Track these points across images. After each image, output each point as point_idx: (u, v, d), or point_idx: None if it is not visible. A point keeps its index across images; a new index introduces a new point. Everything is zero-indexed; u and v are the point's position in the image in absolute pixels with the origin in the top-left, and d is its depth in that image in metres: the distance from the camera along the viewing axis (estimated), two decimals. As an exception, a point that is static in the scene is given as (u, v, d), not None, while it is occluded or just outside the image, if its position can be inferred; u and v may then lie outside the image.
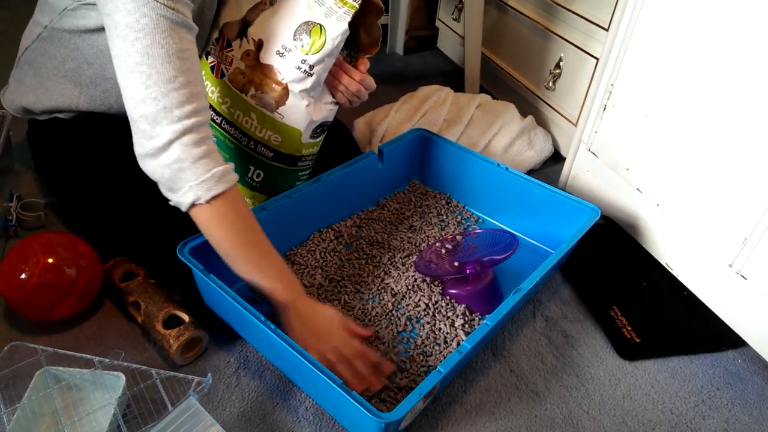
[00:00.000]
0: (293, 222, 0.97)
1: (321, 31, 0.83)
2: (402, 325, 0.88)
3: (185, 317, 0.81)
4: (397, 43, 1.88)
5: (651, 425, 0.80)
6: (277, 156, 0.93)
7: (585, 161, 1.15)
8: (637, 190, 1.03)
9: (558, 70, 1.34)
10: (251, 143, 0.92)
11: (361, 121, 1.35)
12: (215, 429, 0.68)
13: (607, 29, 1.17)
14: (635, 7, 0.96)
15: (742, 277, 0.85)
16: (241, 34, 0.88)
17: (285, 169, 0.96)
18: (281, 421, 0.75)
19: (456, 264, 0.94)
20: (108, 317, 0.87)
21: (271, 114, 0.89)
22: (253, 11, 0.89)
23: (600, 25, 1.19)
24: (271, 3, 0.87)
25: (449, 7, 1.80)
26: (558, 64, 1.34)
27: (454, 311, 0.89)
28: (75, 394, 0.74)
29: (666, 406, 0.82)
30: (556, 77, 1.35)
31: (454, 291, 0.91)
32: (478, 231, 1.03)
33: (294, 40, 0.85)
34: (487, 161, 1.09)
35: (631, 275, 1.03)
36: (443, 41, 1.93)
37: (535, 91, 1.44)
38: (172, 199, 0.73)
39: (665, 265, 1.00)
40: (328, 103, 0.93)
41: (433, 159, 1.17)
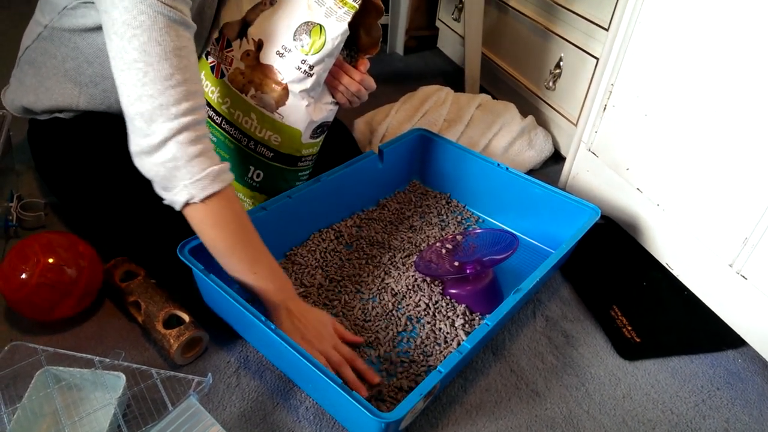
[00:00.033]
0: (293, 222, 0.97)
1: (321, 31, 0.83)
2: (402, 324, 0.88)
3: (185, 317, 0.82)
4: (398, 43, 1.88)
5: (651, 425, 0.80)
6: (277, 156, 0.93)
7: (585, 161, 1.15)
8: (638, 189, 1.03)
9: (558, 70, 1.34)
10: (251, 143, 0.92)
11: (361, 121, 1.35)
12: (215, 429, 0.68)
13: (607, 29, 1.17)
14: (635, 7, 0.96)
15: (743, 277, 0.85)
16: (241, 35, 0.88)
17: (285, 170, 0.96)
18: (281, 420, 0.75)
19: (456, 264, 0.94)
20: (108, 317, 0.87)
21: (271, 114, 0.89)
22: (253, 11, 0.89)
23: (600, 25, 1.19)
24: (271, 3, 0.87)
25: (449, 7, 1.80)
26: (558, 64, 1.34)
27: (454, 311, 0.89)
28: (75, 394, 0.74)
29: (666, 406, 0.82)
30: (556, 77, 1.35)
31: (454, 291, 0.91)
32: (479, 231, 1.03)
33: (294, 41, 0.85)
34: (487, 161, 1.09)
35: (631, 275, 1.03)
36: (443, 41, 1.93)
37: (536, 91, 1.44)
38: (166, 197, 0.72)
39: (665, 264, 1.00)
40: (328, 103, 0.93)
41: (433, 159, 1.17)
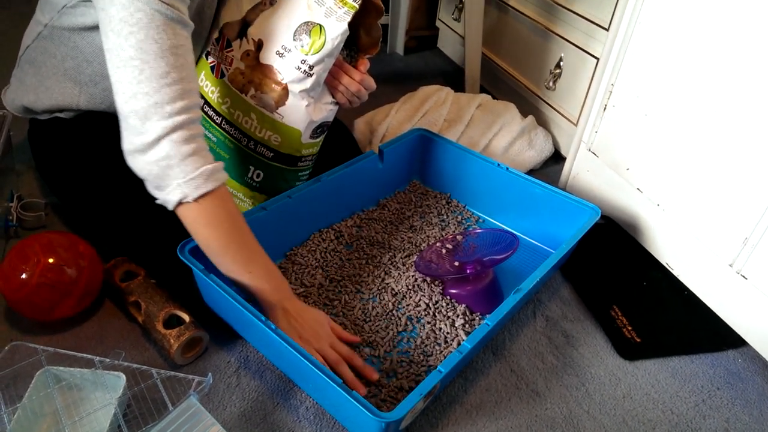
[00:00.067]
0: (293, 222, 0.97)
1: (321, 31, 0.83)
2: (402, 324, 0.88)
3: (186, 317, 0.82)
4: (398, 43, 1.88)
5: (651, 425, 0.80)
6: (277, 156, 0.93)
7: (585, 161, 1.15)
8: (638, 189, 1.03)
9: (558, 70, 1.34)
10: (251, 143, 0.92)
11: (361, 121, 1.35)
12: (216, 429, 0.68)
13: (607, 29, 1.17)
14: (635, 7, 0.96)
15: (743, 276, 0.85)
16: (241, 34, 0.88)
17: (285, 170, 0.96)
18: (282, 420, 0.75)
19: (456, 264, 0.94)
20: (108, 317, 0.87)
21: (271, 114, 0.89)
22: (253, 11, 0.89)
23: (600, 25, 1.19)
24: (271, 3, 0.87)
25: (449, 7, 1.80)
26: (558, 64, 1.34)
27: (454, 311, 0.89)
28: (75, 394, 0.74)
29: (666, 406, 0.82)
30: (556, 77, 1.35)
31: (454, 291, 0.91)
32: (479, 231, 1.03)
33: (294, 41, 0.85)
34: (487, 161, 1.09)
35: (631, 275, 1.03)
36: (443, 41, 1.93)
37: (536, 91, 1.44)
38: (159, 197, 0.72)
39: (665, 264, 1.00)
40: (328, 103, 0.93)
41: (433, 159, 1.17)
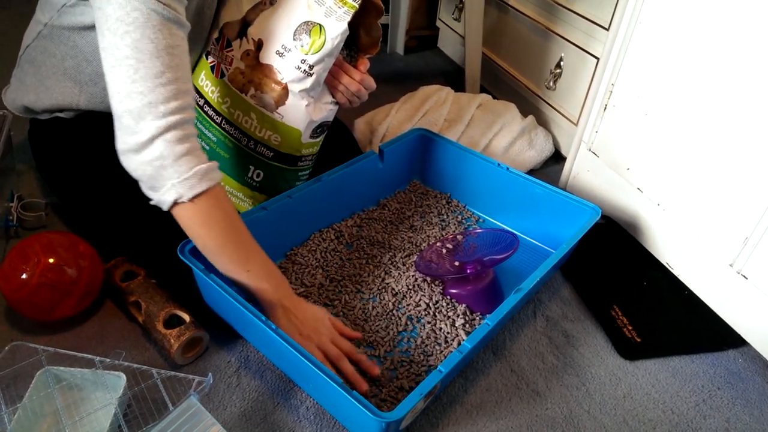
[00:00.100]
0: (294, 222, 0.97)
1: (321, 30, 0.83)
2: (403, 324, 0.88)
3: (186, 317, 0.82)
4: (398, 42, 1.88)
5: (652, 425, 0.80)
6: (277, 156, 0.93)
7: (586, 161, 1.15)
8: (638, 189, 1.03)
9: (558, 70, 1.34)
10: (251, 143, 0.92)
11: (361, 121, 1.35)
12: (216, 429, 0.68)
13: (607, 29, 1.17)
14: (636, 7, 0.96)
15: (743, 276, 0.85)
16: (241, 34, 0.88)
17: (285, 169, 0.96)
18: (282, 420, 0.75)
19: (456, 264, 0.94)
20: (109, 317, 0.87)
21: (271, 114, 0.89)
22: (253, 11, 0.89)
23: (600, 25, 1.19)
24: (271, 3, 0.87)
25: (450, 7, 1.80)
26: (558, 64, 1.34)
27: (454, 311, 0.89)
28: (76, 394, 0.74)
29: (667, 406, 0.82)
30: (556, 77, 1.35)
31: (454, 291, 0.91)
32: (479, 231, 1.03)
33: (294, 40, 0.85)
34: (487, 161, 1.09)
35: (631, 275, 1.03)
36: (444, 41, 1.93)
37: (536, 91, 1.44)
38: (154, 197, 0.72)
39: (666, 264, 1.00)
40: (328, 103, 0.93)
41: (433, 159, 1.17)
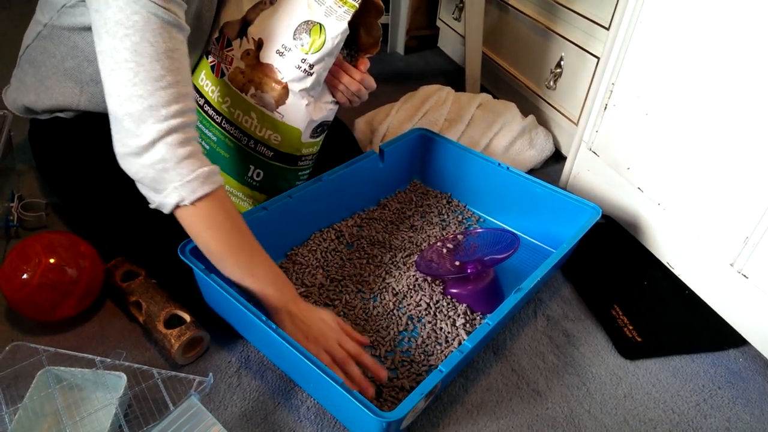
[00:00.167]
0: (294, 222, 0.97)
1: (321, 30, 0.83)
2: (403, 324, 0.87)
3: (186, 317, 0.82)
4: (398, 42, 1.88)
5: (652, 424, 0.79)
6: (277, 155, 0.93)
7: (586, 160, 1.15)
8: (638, 189, 1.03)
9: (559, 70, 1.34)
10: (251, 142, 0.92)
11: (361, 121, 1.35)
12: (216, 428, 0.68)
13: (607, 28, 1.17)
14: (636, 7, 0.96)
15: (744, 276, 0.85)
16: (241, 34, 0.88)
17: (285, 169, 0.96)
18: (283, 420, 0.75)
19: (457, 263, 0.94)
20: (109, 317, 0.87)
21: (271, 113, 0.89)
22: (254, 10, 0.89)
23: (601, 24, 1.19)
24: (271, 2, 0.87)
25: (450, 7, 1.80)
26: (559, 64, 1.34)
27: (455, 311, 0.89)
28: (76, 394, 0.74)
29: (667, 405, 0.82)
30: (557, 76, 1.35)
31: (455, 290, 0.91)
32: (479, 230, 1.03)
33: (294, 40, 0.85)
34: (488, 161, 1.09)
35: (632, 274, 1.03)
36: (444, 41, 1.93)
37: (536, 91, 1.44)
38: (155, 200, 0.71)
39: (666, 264, 1.00)
40: (328, 102, 0.93)
41: (434, 158, 1.17)
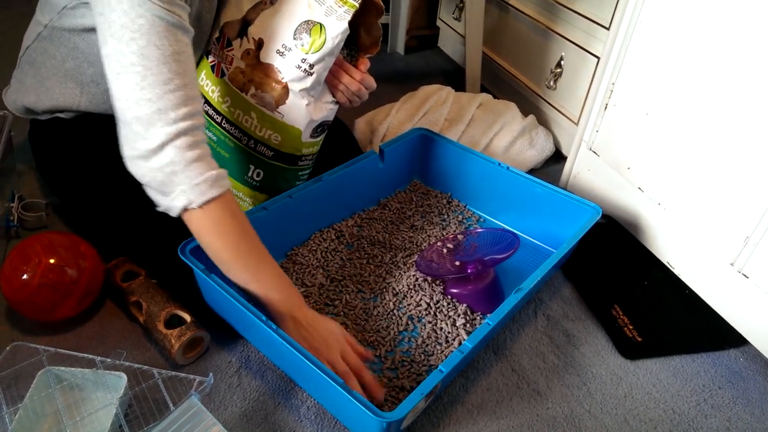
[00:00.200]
0: (294, 222, 0.97)
1: (321, 30, 0.83)
2: (403, 324, 0.87)
3: (187, 317, 0.82)
4: (398, 42, 1.88)
5: (653, 424, 0.79)
6: (277, 155, 0.93)
7: (586, 160, 1.15)
8: (639, 189, 1.03)
9: (559, 69, 1.34)
10: (251, 142, 0.92)
11: (362, 121, 1.35)
12: (217, 429, 0.68)
13: (608, 28, 1.17)
14: (636, 6, 0.96)
15: (744, 275, 0.85)
16: (241, 33, 0.88)
17: (285, 169, 0.96)
18: (283, 420, 0.75)
19: (457, 263, 0.94)
20: (109, 317, 0.87)
21: (271, 113, 0.89)
22: (254, 10, 0.89)
23: (601, 24, 1.19)
24: (272, 2, 0.87)
25: (450, 7, 1.80)
26: (559, 63, 1.34)
27: (455, 310, 0.89)
28: (77, 394, 0.74)
29: (668, 405, 0.82)
30: (557, 76, 1.35)
31: (455, 290, 0.91)
32: (480, 230, 1.03)
33: (294, 39, 0.85)
34: (488, 160, 1.09)
35: (632, 274, 1.03)
36: (444, 40, 1.93)
37: (536, 90, 1.44)
38: (162, 203, 0.71)
39: (667, 264, 1.00)
40: (329, 102, 0.93)
41: (434, 158, 1.17)
